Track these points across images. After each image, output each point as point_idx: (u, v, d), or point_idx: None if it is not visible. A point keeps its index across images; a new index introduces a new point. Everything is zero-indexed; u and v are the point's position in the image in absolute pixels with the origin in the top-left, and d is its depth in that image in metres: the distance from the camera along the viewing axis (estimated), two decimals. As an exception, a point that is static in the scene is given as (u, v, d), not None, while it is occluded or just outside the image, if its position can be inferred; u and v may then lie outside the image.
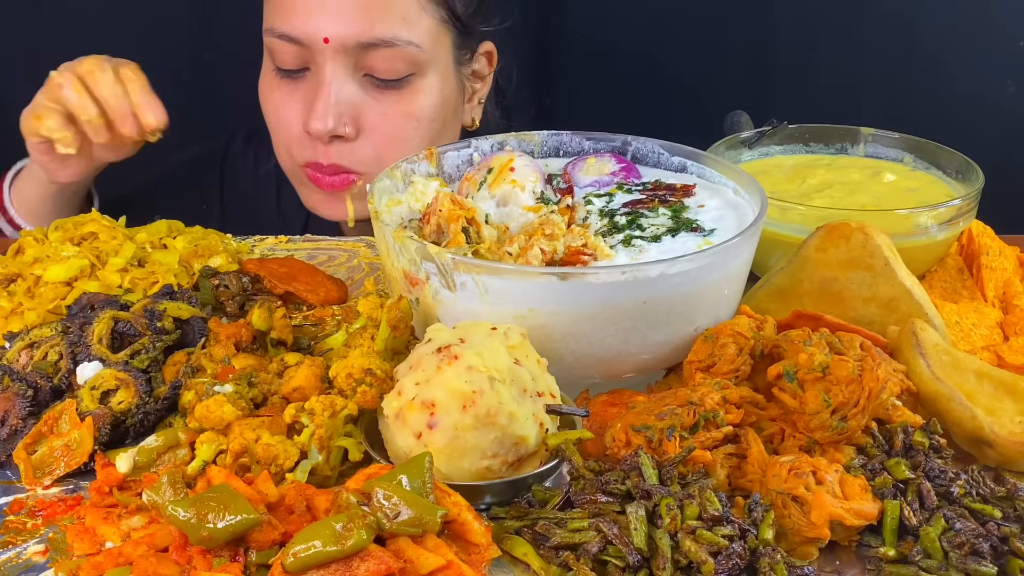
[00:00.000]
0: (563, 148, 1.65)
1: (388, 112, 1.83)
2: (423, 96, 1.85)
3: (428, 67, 1.84)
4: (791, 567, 1.04)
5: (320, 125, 1.78)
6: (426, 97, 1.85)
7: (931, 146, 1.77)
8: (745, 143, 1.82)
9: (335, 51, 1.76)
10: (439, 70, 1.87)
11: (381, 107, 1.83)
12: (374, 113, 1.83)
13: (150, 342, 1.36)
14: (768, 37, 2.78)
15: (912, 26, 2.72)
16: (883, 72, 2.76)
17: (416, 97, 1.84)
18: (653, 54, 2.76)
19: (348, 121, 1.81)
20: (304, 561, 0.95)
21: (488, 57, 2.02)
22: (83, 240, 1.60)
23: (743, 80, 2.80)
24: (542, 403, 1.17)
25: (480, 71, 2.02)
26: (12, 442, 1.23)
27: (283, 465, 1.18)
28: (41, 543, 1.12)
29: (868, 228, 1.42)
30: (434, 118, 1.87)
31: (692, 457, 1.14)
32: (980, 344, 1.45)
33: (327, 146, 1.83)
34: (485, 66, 2.02)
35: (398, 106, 1.83)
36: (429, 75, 1.85)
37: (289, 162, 1.94)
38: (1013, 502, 1.14)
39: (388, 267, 1.39)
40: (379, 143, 1.83)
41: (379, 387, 1.20)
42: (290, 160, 1.93)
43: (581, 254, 1.34)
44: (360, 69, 1.80)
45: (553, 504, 1.12)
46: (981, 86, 2.73)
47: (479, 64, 2.01)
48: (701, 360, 1.29)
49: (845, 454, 1.18)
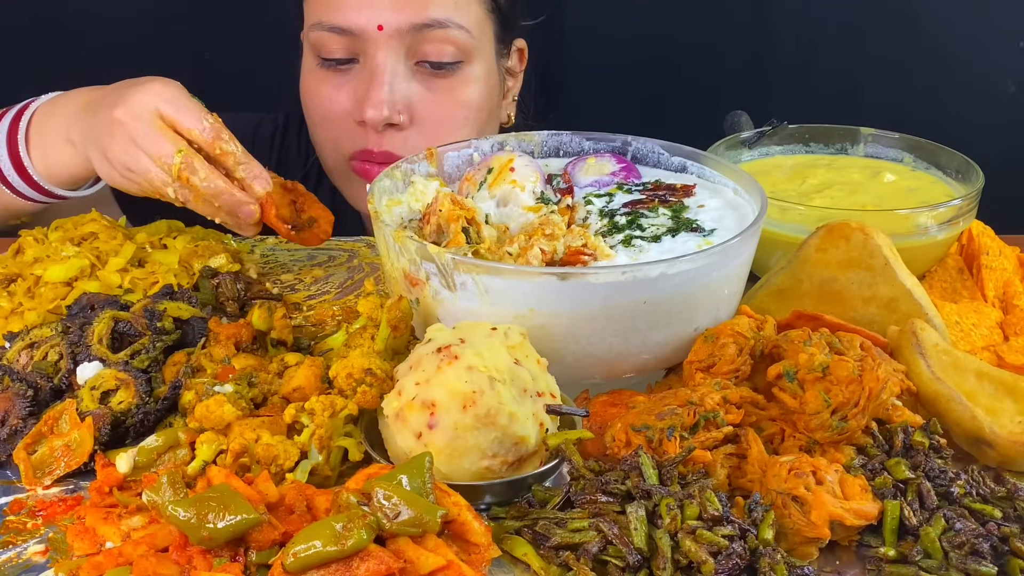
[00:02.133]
0: (563, 148, 1.65)
1: (440, 100, 1.84)
2: (472, 85, 1.87)
3: (475, 55, 1.86)
4: (791, 567, 1.04)
5: (375, 113, 1.78)
6: (475, 86, 1.87)
7: (931, 146, 1.77)
8: (745, 143, 1.82)
9: (388, 38, 1.77)
10: (484, 60, 1.89)
11: (433, 95, 1.84)
12: (426, 101, 1.83)
13: (150, 342, 1.36)
14: (768, 37, 2.79)
15: (912, 26, 2.72)
16: (883, 72, 2.76)
17: (466, 86, 1.86)
18: (653, 54, 2.76)
19: (402, 109, 1.81)
20: (304, 561, 0.95)
21: (520, 54, 2.04)
22: (83, 240, 1.60)
23: (743, 80, 2.81)
24: (542, 403, 1.17)
25: (513, 68, 2.03)
26: (12, 442, 1.23)
27: (283, 465, 1.18)
28: (41, 543, 1.12)
29: (868, 228, 1.42)
30: (481, 107, 1.89)
31: (692, 457, 1.14)
32: (980, 344, 1.45)
33: (380, 135, 1.83)
34: (517, 63, 2.04)
35: (449, 94, 1.84)
36: (476, 64, 1.86)
37: (334, 158, 1.93)
38: (1013, 502, 1.14)
39: (388, 267, 1.39)
40: (431, 131, 1.84)
41: (379, 387, 1.20)
42: (336, 155, 1.92)
43: (581, 254, 1.34)
44: (412, 56, 1.81)
45: (553, 504, 1.12)
46: (981, 86, 2.73)
47: (512, 60, 2.02)
48: (701, 360, 1.29)
49: (845, 454, 1.18)
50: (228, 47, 2.68)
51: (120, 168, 1.51)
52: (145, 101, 1.50)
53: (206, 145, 1.48)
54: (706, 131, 1.83)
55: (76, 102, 1.64)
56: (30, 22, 2.67)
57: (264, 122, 2.19)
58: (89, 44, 2.69)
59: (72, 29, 2.68)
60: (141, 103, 1.50)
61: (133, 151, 1.49)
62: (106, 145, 1.52)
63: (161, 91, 1.51)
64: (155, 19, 2.69)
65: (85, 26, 2.68)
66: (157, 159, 1.47)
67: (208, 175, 1.47)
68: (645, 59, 2.76)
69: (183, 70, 2.57)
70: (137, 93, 1.51)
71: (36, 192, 1.69)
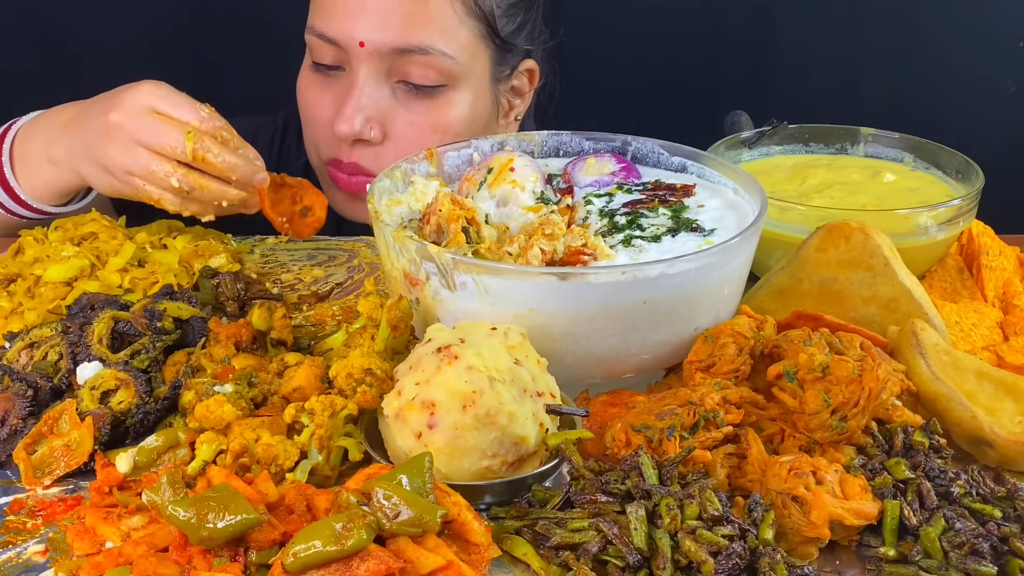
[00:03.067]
0: (563, 148, 1.65)
1: (416, 121, 1.83)
2: (453, 109, 1.85)
3: (462, 80, 1.84)
4: (791, 567, 1.04)
5: (346, 127, 1.79)
6: (456, 110, 1.85)
7: (931, 146, 1.77)
8: (745, 143, 1.82)
9: (369, 55, 1.77)
10: (473, 85, 1.86)
11: (410, 115, 1.83)
12: (402, 120, 1.83)
13: (150, 342, 1.36)
14: (768, 37, 2.79)
15: (912, 26, 2.72)
16: (883, 72, 2.76)
17: (446, 109, 1.84)
18: (653, 54, 2.76)
19: (375, 125, 1.81)
20: (304, 561, 0.95)
21: (530, 75, 2.01)
22: (83, 240, 1.60)
23: (743, 80, 2.81)
24: (542, 403, 1.17)
25: (520, 88, 2.00)
26: (12, 442, 1.23)
27: (283, 465, 1.18)
28: (41, 543, 1.12)
29: (868, 228, 1.42)
30: (461, 131, 1.86)
31: (692, 457, 1.14)
32: (980, 344, 1.45)
33: (351, 147, 1.84)
34: (526, 83, 2.01)
35: (427, 116, 1.83)
36: (462, 89, 1.85)
37: (316, 159, 1.95)
38: (1013, 502, 1.14)
39: (388, 267, 1.39)
40: (403, 151, 1.81)
41: (379, 387, 1.21)
42: (317, 157, 1.94)
43: (581, 254, 1.34)
44: (393, 75, 1.80)
45: (553, 504, 1.12)
46: (981, 86, 2.73)
47: (519, 81, 1.99)
48: (701, 360, 1.29)
49: (845, 454, 1.18)
50: (228, 51, 2.68)
51: (119, 172, 1.54)
52: (139, 100, 1.53)
53: (205, 132, 1.51)
54: (706, 131, 1.83)
55: (56, 120, 1.68)
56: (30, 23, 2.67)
57: (264, 125, 2.19)
58: (90, 44, 2.69)
59: (73, 29, 2.68)
60: (136, 102, 1.53)
61: (133, 150, 1.51)
62: (102, 152, 1.54)
63: (152, 89, 1.54)
64: (156, 19, 2.68)
65: (86, 26, 2.68)
66: (161, 150, 1.50)
67: (220, 150, 1.52)
68: (645, 59, 2.76)
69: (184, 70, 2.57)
70: (130, 94, 1.54)
71: (26, 210, 1.72)
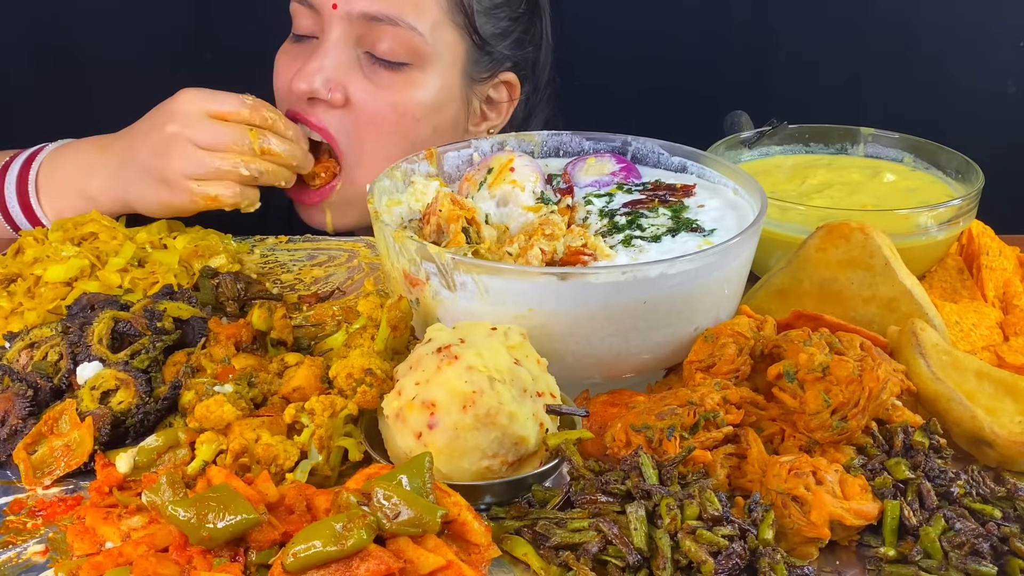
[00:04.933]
0: (563, 148, 1.65)
1: (376, 94, 1.78)
2: (416, 90, 1.80)
3: (429, 63, 1.79)
4: (791, 567, 1.04)
5: (304, 85, 1.75)
6: (419, 92, 1.80)
7: (931, 146, 1.77)
8: (745, 143, 1.82)
9: (340, 19, 1.75)
10: (441, 72, 1.82)
11: (370, 86, 1.78)
12: (362, 89, 1.78)
13: (150, 342, 1.36)
14: (768, 37, 2.78)
15: (912, 26, 2.72)
16: (883, 72, 2.76)
17: (409, 89, 1.79)
18: (653, 54, 2.76)
19: (336, 87, 1.76)
20: (304, 561, 0.95)
21: (509, 89, 1.95)
22: (83, 240, 1.60)
23: (743, 80, 2.80)
24: (542, 403, 1.17)
25: (497, 100, 1.95)
26: (12, 442, 1.23)
27: (283, 465, 1.18)
28: (41, 543, 1.12)
29: (868, 228, 1.42)
30: (420, 118, 1.81)
31: (692, 457, 1.14)
32: (980, 344, 1.45)
33: (309, 106, 1.78)
34: (504, 96, 1.95)
35: (389, 91, 1.79)
36: (428, 72, 1.80)
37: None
38: (1013, 502, 1.14)
39: (388, 267, 1.39)
40: (364, 122, 1.79)
41: (379, 387, 1.21)
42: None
43: (581, 254, 1.34)
44: (362, 44, 1.77)
45: (553, 504, 1.12)
46: (981, 86, 2.73)
47: (496, 93, 1.94)
48: (701, 360, 1.29)
49: (845, 454, 1.18)
50: (228, 52, 2.67)
51: (178, 180, 1.61)
52: (191, 108, 1.62)
53: (256, 120, 1.64)
54: (706, 131, 1.83)
55: (86, 153, 1.73)
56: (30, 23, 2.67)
57: None
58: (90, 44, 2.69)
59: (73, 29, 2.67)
60: (188, 111, 1.61)
61: (195, 155, 1.60)
62: (162, 165, 1.61)
63: (196, 95, 1.64)
64: (156, 19, 2.68)
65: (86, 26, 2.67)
66: (227, 148, 1.60)
67: (279, 141, 1.66)
68: (645, 59, 2.76)
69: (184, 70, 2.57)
70: (178, 105, 1.63)
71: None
